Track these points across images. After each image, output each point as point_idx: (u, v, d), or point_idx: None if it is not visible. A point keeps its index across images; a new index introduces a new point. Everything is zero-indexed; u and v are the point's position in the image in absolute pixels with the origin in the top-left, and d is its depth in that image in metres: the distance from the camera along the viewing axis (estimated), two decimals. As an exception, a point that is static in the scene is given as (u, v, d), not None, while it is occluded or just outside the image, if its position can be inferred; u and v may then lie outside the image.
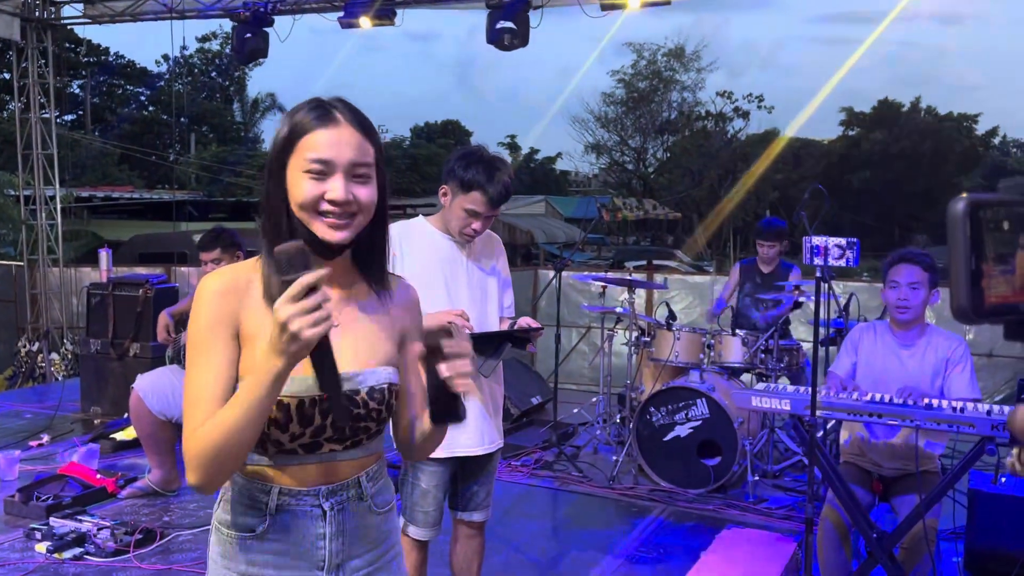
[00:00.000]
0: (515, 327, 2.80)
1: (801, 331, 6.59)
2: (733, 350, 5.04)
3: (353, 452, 1.43)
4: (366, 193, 1.38)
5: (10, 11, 8.74)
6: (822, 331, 4.90)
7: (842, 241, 2.65)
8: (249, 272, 1.41)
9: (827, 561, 3.20)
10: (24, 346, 9.76)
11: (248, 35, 8.24)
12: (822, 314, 3.01)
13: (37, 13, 9.19)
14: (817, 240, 2.65)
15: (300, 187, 1.35)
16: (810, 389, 2.86)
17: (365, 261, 1.46)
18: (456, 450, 2.78)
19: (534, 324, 2.75)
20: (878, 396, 2.93)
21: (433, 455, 2.75)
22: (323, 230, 1.36)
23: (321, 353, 1.24)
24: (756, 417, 5.02)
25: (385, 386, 1.43)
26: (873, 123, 35.53)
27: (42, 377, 9.26)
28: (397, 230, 2.78)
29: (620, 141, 35.57)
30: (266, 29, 8.27)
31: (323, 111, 1.37)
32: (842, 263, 2.67)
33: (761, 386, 3.16)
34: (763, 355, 5.01)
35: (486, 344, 2.69)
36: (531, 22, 7.31)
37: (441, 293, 2.76)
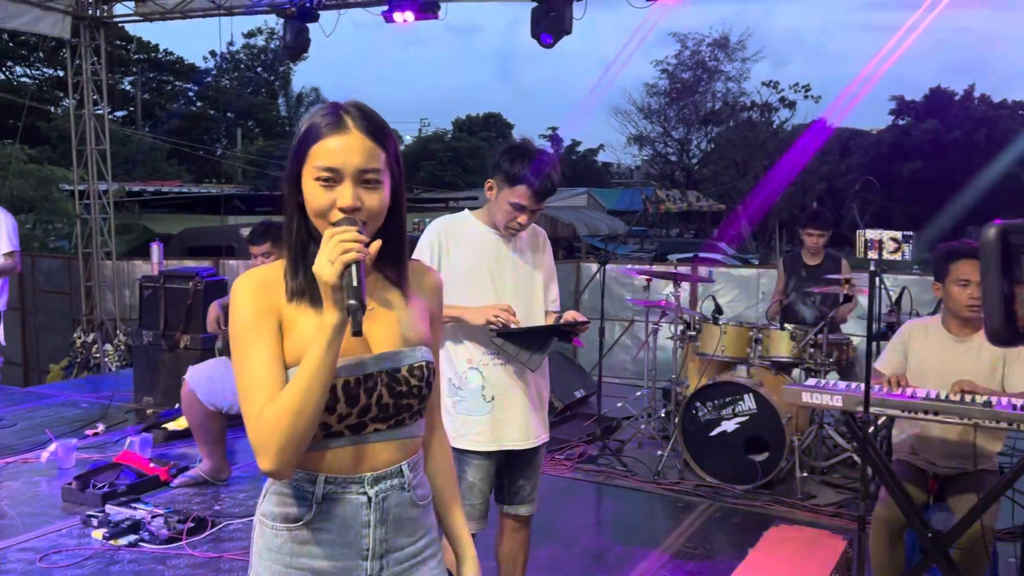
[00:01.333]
0: (561, 321, 2.79)
1: (850, 325, 6.47)
2: (781, 345, 4.97)
3: (395, 432, 1.47)
4: (375, 199, 1.42)
5: (62, 9, 8.93)
6: (874, 326, 4.81)
7: (897, 234, 2.59)
8: (279, 271, 1.48)
9: (879, 560, 3.14)
10: (79, 337, 10.02)
11: (296, 30, 8.34)
12: (873, 308, 2.95)
13: (90, 11, 9.38)
14: (871, 233, 2.59)
15: (312, 195, 1.41)
16: (862, 385, 2.80)
17: (383, 258, 1.48)
18: (502, 443, 2.79)
19: (580, 318, 2.74)
20: (934, 393, 2.86)
21: (479, 448, 2.78)
22: None
23: (347, 275, 1.31)
24: (804, 413, 4.95)
25: (423, 363, 1.49)
26: (925, 111, 34.67)
27: (96, 367, 9.50)
28: (442, 224, 2.79)
29: (663, 132, 35.24)
30: (309, 24, 8.33)
31: (335, 117, 1.41)
32: (897, 257, 2.61)
33: (812, 381, 3.11)
34: (812, 350, 4.93)
35: (532, 338, 2.69)
36: (575, 14, 7.27)
37: (487, 287, 2.76)
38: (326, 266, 1.31)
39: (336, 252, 1.30)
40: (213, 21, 9.36)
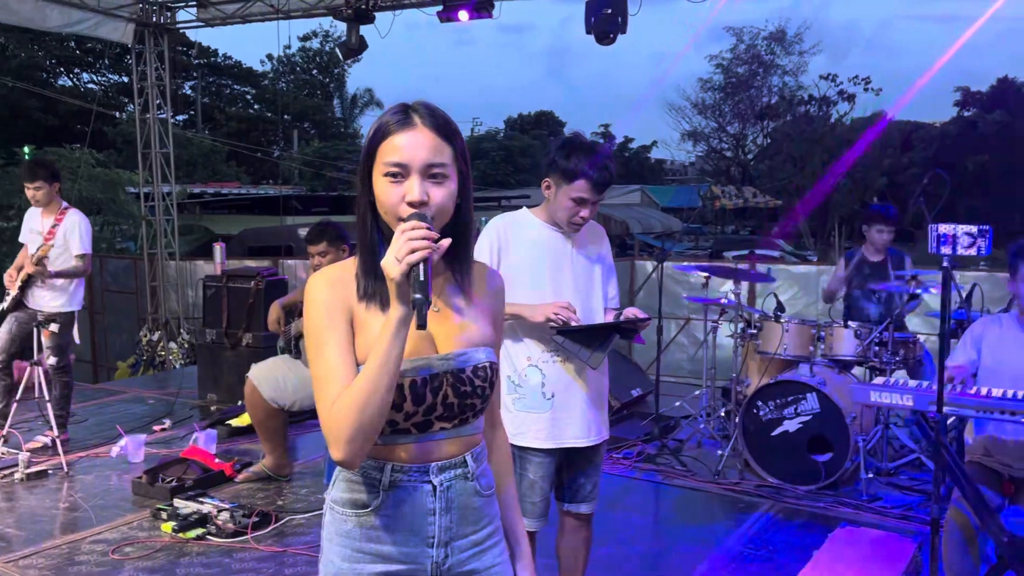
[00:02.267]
0: (621, 318, 2.77)
1: (916, 323, 6.31)
2: (845, 343, 4.86)
3: (460, 430, 1.51)
4: (441, 194, 1.44)
5: (126, 16, 9.18)
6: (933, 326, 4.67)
7: (972, 229, 2.50)
8: (352, 269, 1.51)
9: (952, 565, 3.05)
10: (145, 335, 10.30)
11: (354, 31, 8.44)
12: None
13: (154, 18, 9.63)
14: (944, 228, 2.51)
15: (382, 191, 1.44)
16: (934, 384, 2.73)
17: (450, 255, 1.50)
18: (563, 441, 2.78)
19: (641, 315, 2.71)
20: (1010, 392, 2.77)
21: (539, 445, 2.78)
22: None
23: (414, 272, 1.34)
24: (869, 412, 4.83)
25: (487, 364, 1.52)
26: (991, 103, 33.56)
27: (161, 365, 9.76)
28: (501, 223, 2.79)
29: (718, 128, 34.79)
30: (364, 25, 8.42)
31: (403, 115, 1.45)
32: (972, 252, 2.52)
33: (880, 380, 3.04)
34: (877, 348, 4.81)
35: (593, 336, 2.68)
36: (629, 10, 7.21)
37: (546, 284, 2.75)
38: (393, 263, 1.33)
39: (404, 250, 1.32)
40: (270, 25, 9.52)
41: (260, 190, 26.59)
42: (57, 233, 5.04)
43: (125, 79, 27.62)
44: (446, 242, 1.39)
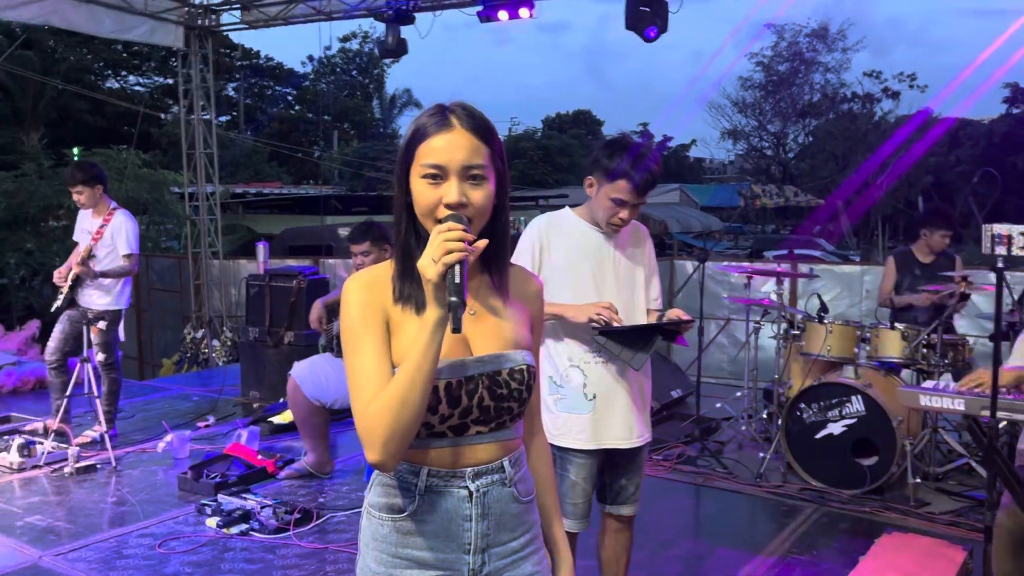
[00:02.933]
0: (664, 319, 2.75)
1: (965, 325, 6.17)
2: (892, 344, 4.77)
3: (497, 434, 1.49)
4: (479, 195, 1.43)
5: (175, 20, 9.35)
6: (991, 326, 4.56)
7: (1026, 228, 2.44)
8: (388, 271, 1.51)
9: (1003, 572, 2.97)
10: (189, 333, 10.48)
11: (394, 32, 8.50)
12: (993, 307, 2.79)
13: (199, 21, 9.79)
14: (999, 228, 2.45)
15: (420, 193, 1.43)
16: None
17: (487, 256, 1.50)
18: (604, 442, 2.77)
19: (684, 316, 2.69)
20: (1067, 397, 2.69)
21: (581, 447, 2.76)
22: None
23: (450, 274, 1.33)
24: (916, 416, 4.74)
25: (524, 367, 1.50)
26: (1041, 99, 32.70)
27: (205, 362, 9.92)
28: (543, 222, 2.78)
29: (758, 126, 34.36)
30: (404, 27, 8.47)
31: (441, 116, 1.44)
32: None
33: (930, 383, 2.97)
34: (925, 350, 4.71)
35: (635, 337, 2.66)
36: (670, 7, 7.15)
37: (588, 284, 2.74)
38: (429, 265, 1.32)
39: (440, 252, 1.32)
40: (311, 27, 9.63)
41: (301, 190, 26.88)
42: (105, 233, 5.15)
43: (170, 81, 28.10)
44: (483, 243, 1.38)
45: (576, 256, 2.76)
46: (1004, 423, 4.11)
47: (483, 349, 1.48)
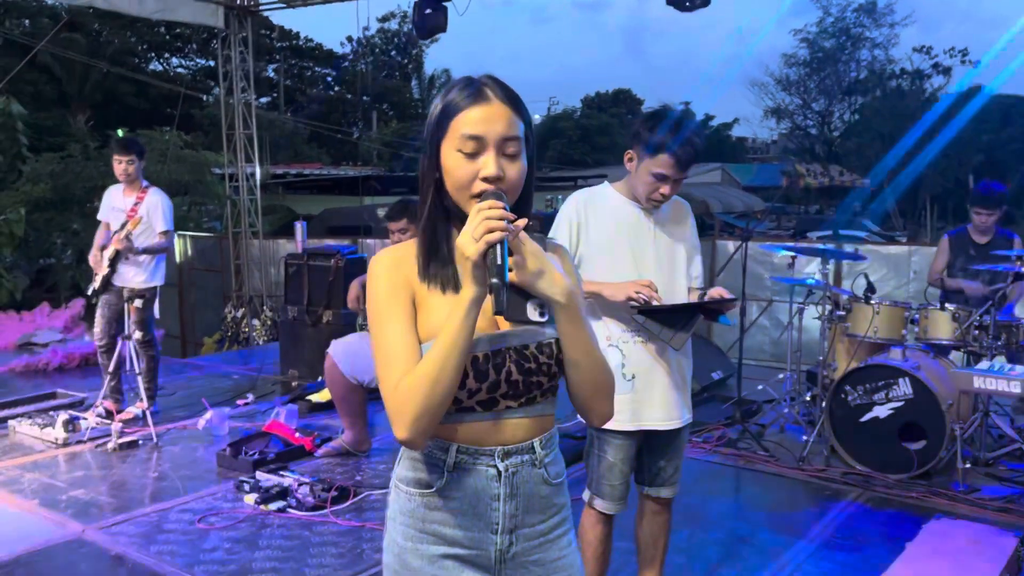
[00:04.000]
0: (705, 297, 2.67)
1: (1021, 307, 5.97)
2: (941, 326, 4.62)
3: (528, 410, 1.47)
4: (515, 169, 1.42)
5: (216, 0, 9.39)
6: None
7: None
8: (412, 249, 1.50)
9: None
10: (230, 312, 10.61)
11: (428, 11, 8.41)
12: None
13: (239, 1, 9.82)
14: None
15: (455, 166, 1.41)
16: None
17: None
18: (643, 423, 2.71)
19: (727, 295, 2.61)
20: None
21: (619, 427, 2.71)
22: None
23: (492, 254, 1.31)
24: (967, 399, 4.59)
25: (552, 341, 1.46)
26: (1100, 74, 31.52)
27: (246, 341, 10.03)
28: (581, 198, 2.71)
29: (802, 104, 33.68)
30: (444, 4, 8.39)
31: (474, 89, 1.42)
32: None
33: (984, 364, 2.86)
34: (976, 331, 4.55)
35: (675, 316, 2.59)
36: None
37: (627, 262, 2.67)
38: (470, 243, 1.31)
39: (481, 230, 1.30)
40: (350, 7, 9.62)
41: (340, 171, 27.02)
42: (140, 211, 5.18)
43: (212, 63, 28.37)
44: (522, 222, 1.36)
45: (615, 233, 2.69)
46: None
47: (507, 323, 1.45)
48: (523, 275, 1.38)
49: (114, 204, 5.32)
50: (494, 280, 1.30)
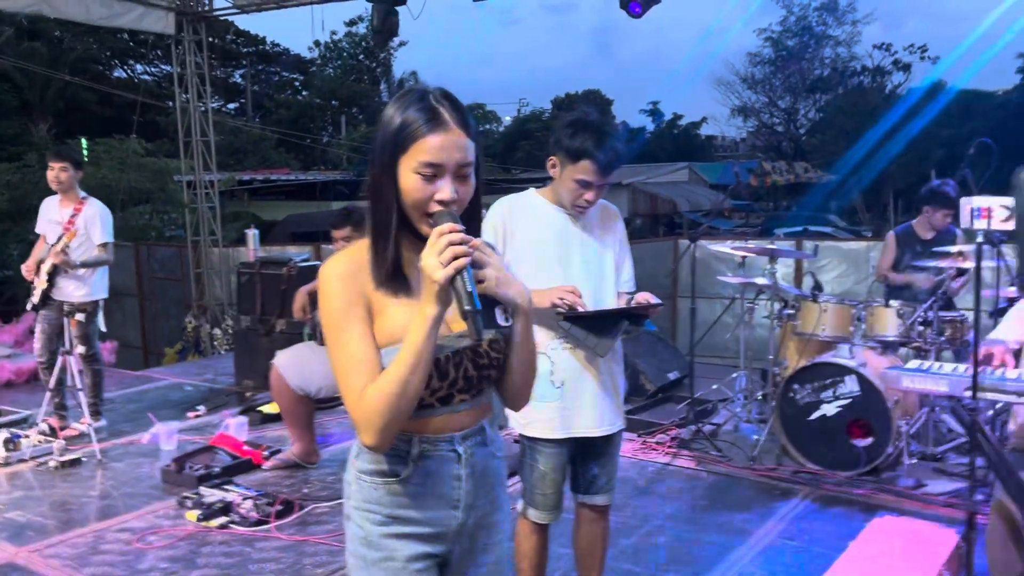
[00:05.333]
0: (632, 302, 2.64)
1: (968, 301, 6.02)
2: (887, 323, 4.64)
3: (478, 400, 1.61)
4: (467, 190, 1.53)
5: (165, 6, 9.25)
6: (990, 301, 4.43)
7: (1009, 201, 2.31)
8: (363, 254, 1.55)
9: (996, 559, 2.87)
10: (190, 322, 10.46)
11: (384, 14, 8.38)
12: (990, 281, 2.67)
13: (191, 7, 9.69)
14: (979, 201, 2.32)
15: (413, 187, 1.48)
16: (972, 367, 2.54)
17: None
18: (573, 431, 2.68)
19: (652, 299, 2.58)
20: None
21: (549, 436, 2.67)
22: (427, 229, 1.49)
23: (461, 280, 1.40)
24: (913, 395, 4.61)
25: (500, 337, 1.59)
26: (1058, 69, 32.06)
27: (206, 351, 9.89)
28: (505, 205, 2.68)
29: (768, 102, 33.97)
30: (398, 8, 8.34)
31: (431, 114, 1.49)
32: (1010, 226, 2.33)
33: (914, 364, 2.86)
34: (921, 327, 4.58)
35: (601, 322, 2.56)
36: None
37: (555, 269, 2.64)
38: (437, 267, 1.39)
39: (448, 256, 1.39)
40: (316, 11, 9.51)
41: (308, 176, 26.82)
42: (78, 222, 5.07)
43: (178, 69, 28.09)
44: (478, 242, 1.46)
45: (541, 239, 2.66)
46: (1000, 405, 3.99)
47: (462, 325, 1.51)
48: (491, 285, 1.50)
49: (51, 216, 5.19)
50: (467, 308, 1.38)
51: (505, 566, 1.73)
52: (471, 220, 1.54)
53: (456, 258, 1.39)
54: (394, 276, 1.52)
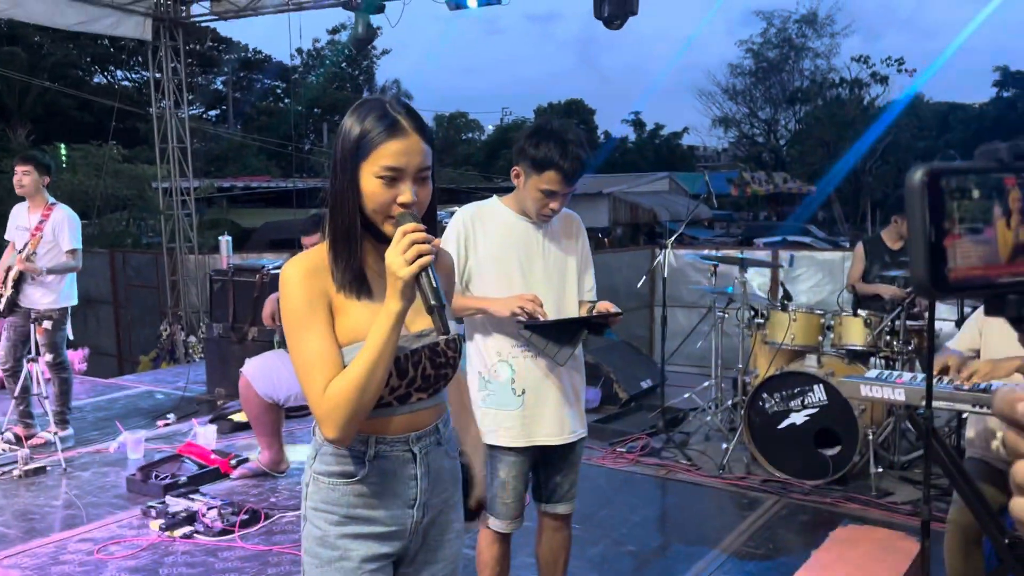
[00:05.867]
0: (594, 311, 2.65)
1: (938, 310, 6.09)
2: (855, 332, 4.68)
3: (433, 399, 1.66)
4: (426, 193, 1.59)
5: (143, 12, 9.20)
6: (954, 310, 4.47)
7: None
8: (323, 256, 1.60)
9: (953, 567, 2.89)
10: (165, 329, 10.38)
11: (364, 22, 8.39)
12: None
13: (168, 13, 9.64)
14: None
15: (374, 192, 1.54)
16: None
17: None
18: (535, 439, 2.67)
19: (613, 309, 2.59)
20: (1009, 384, 2.59)
21: (511, 444, 2.67)
22: (389, 229, 1.55)
23: (426, 277, 1.46)
24: (880, 405, 4.64)
25: (456, 336, 1.66)
26: (1033, 82, 32.57)
27: (181, 358, 9.81)
28: (468, 213, 2.67)
29: (749, 113, 34.22)
30: (373, 16, 8.35)
31: (391, 122, 1.55)
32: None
33: (873, 373, 2.88)
34: (888, 337, 4.62)
35: (561, 331, 2.56)
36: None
37: (516, 276, 2.64)
38: (402, 264, 1.44)
39: (412, 253, 1.44)
40: (297, 19, 9.50)
41: (288, 183, 26.74)
42: (45, 229, 5.02)
43: (156, 75, 27.95)
44: (438, 241, 1.55)
45: (503, 247, 2.66)
46: (965, 414, 4.03)
47: (420, 325, 1.60)
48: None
49: (19, 223, 5.13)
50: (433, 303, 1.44)
51: (457, 563, 1.78)
52: (428, 222, 1.59)
53: (420, 256, 1.44)
54: (356, 279, 1.57)
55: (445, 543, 1.74)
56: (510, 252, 2.66)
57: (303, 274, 1.56)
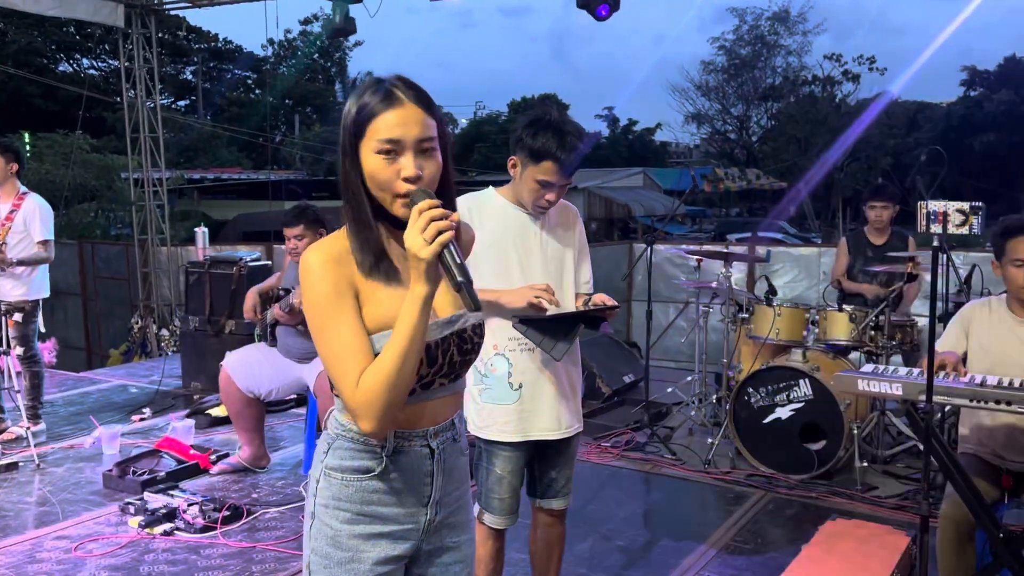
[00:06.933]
0: (590, 304, 2.61)
1: (918, 305, 6.14)
2: (839, 327, 4.69)
3: (454, 385, 1.60)
4: (432, 166, 1.49)
5: (114, -1, 8.99)
6: (940, 306, 4.50)
7: (964, 206, 2.33)
8: (343, 241, 1.52)
9: (946, 562, 2.90)
10: (136, 322, 10.18)
11: (342, 12, 8.25)
12: (940, 287, 2.69)
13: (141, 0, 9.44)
14: (935, 204, 2.34)
15: (376, 168, 1.47)
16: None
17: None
18: (531, 434, 2.63)
19: (609, 301, 2.55)
20: (1006, 381, 2.60)
21: (507, 439, 2.63)
22: (401, 211, 1.47)
23: (448, 254, 1.37)
24: (865, 399, 4.67)
25: (480, 322, 1.59)
26: (998, 82, 33.13)
27: (152, 352, 9.64)
28: (464, 204, 2.62)
29: (722, 110, 34.43)
30: (352, 6, 8.22)
31: (385, 92, 1.48)
32: (964, 231, 2.35)
33: (869, 367, 2.87)
34: (873, 332, 4.64)
35: (557, 326, 2.51)
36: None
37: (515, 269, 2.59)
38: (422, 245, 1.36)
39: (432, 232, 1.36)
40: (268, 8, 9.35)
41: (260, 175, 26.43)
42: (16, 219, 4.87)
43: (126, 64, 27.45)
44: (456, 215, 1.43)
45: (501, 238, 2.61)
46: (949, 408, 4.05)
47: (447, 311, 1.54)
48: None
49: None
50: (460, 279, 1.36)
51: (471, 567, 1.72)
52: (444, 199, 1.49)
53: (440, 233, 1.36)
54: (379, 264, 1.50)
55: (459, 545, 1.69)
56: (508, 244, 2.61)
57: (327, 261, 1.48)
